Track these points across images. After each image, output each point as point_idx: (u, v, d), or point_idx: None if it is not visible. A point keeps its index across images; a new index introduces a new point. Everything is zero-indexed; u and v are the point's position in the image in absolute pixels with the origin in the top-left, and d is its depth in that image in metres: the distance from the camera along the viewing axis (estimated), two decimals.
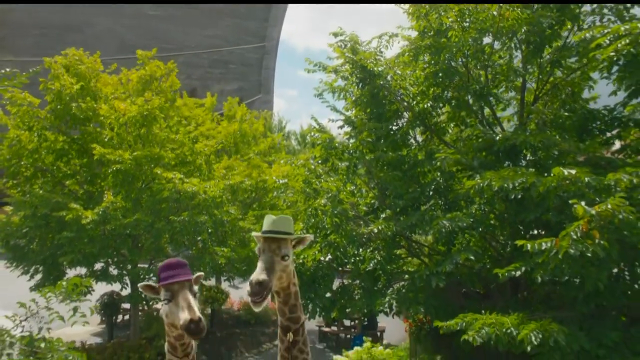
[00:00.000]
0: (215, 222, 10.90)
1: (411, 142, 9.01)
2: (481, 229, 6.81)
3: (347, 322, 15.24)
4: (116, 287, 12.63)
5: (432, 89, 7.85)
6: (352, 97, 8.53)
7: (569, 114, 7.34)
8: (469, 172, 7.12)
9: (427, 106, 7.94)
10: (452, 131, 8.98)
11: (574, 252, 4.54)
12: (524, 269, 5.35)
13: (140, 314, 13.92)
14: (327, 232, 7.75)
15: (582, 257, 4.64)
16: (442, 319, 6.25)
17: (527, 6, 7.26)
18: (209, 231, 10.88)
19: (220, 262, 11.66)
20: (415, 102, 8.12)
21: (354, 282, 8.57)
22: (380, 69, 7.92)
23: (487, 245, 8.34)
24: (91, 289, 5.02)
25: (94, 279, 10.34)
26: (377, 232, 7.33)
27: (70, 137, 11.83)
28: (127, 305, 15.60)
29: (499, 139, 6.58)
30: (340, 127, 9.15)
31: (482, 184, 5.81)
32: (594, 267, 4.84)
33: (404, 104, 8.40)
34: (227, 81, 43.98)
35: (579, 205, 4.63)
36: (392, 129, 8.48)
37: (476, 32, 7.18)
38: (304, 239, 3.18)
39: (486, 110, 8.58)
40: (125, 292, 12.59)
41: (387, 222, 7.49)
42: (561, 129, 7.41)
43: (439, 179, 7.74)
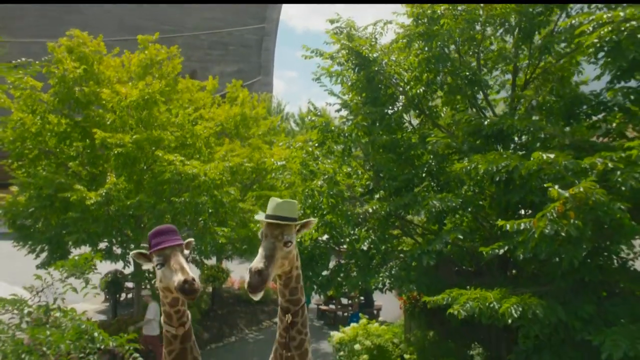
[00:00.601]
0: (215, 202, 11.23)
1: (406, 125, 9.27)
2: (470, 209, 7.12)
3: (344, 301, 15.69)
4: (119, 266, 13.02)
5: (426, 75, 8.10)
6: (348, 82, 8.77)
7: (557, 98, 7.58)
8: (460, 155, 7.40)
9: (420, 91, 8.19)
10: (444, 115, 9.24)
11: (548, 231, 4.86)
12: (506, 248, 5.68)
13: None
14: (324, 212, 8.06)
15: (557, 236, 4.96)
16: (433, 296, 6.53)
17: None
18: (210, 211, 11.20)
19: (220, 241, 12.01)
20: (409, 87, 8.37)
21: (350, 260, 8.90)
22: (375, 55, 8.17)
23: (479, 225, 8.66)
24: (95, 267, 5.26)
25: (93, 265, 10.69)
26: (371, 212, 7.65)
27: (73, 120, 12.04)
28: (130, 284, 16.02)
29: (487, 123, 6.85)
30: (337, 111, 9.43)
31: (469, 167, 6.10)
32: (570, 245, 5.16)
33: (398, 89, 8.66)
34: (227, 63, 43.89)
35: (553, 188, 4.94)
36: (387, 112, 8.74)
37: (465, 23, 7.41)
38: (308, 223, 3.14)
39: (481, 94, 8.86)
40: (128, 271, 12.96)
41: (381, 202, 7.81)
42: (549, 113, 7.67)
43: (432, 161, 8.02)
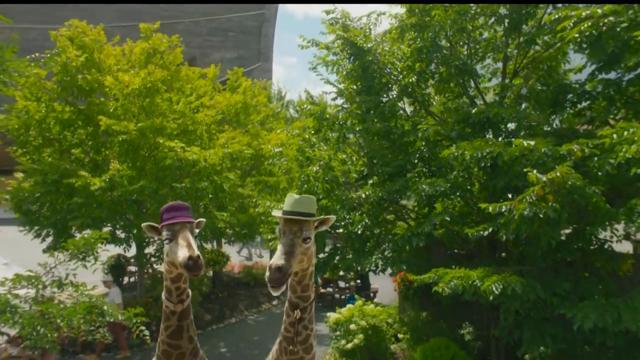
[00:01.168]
0: (215, 188, 11.56)
1: (400, 113, 9.56)
2: (458, 194, 7.46)
3: (342, 284, 16.10)
4: (121, 251, 13.41)
5: (418, 64, 8.38)
6: (344, 71, 9.05)
7: (543, 87, 7.87)
8: (449, 142, 7.71)
9: (412, 80, 8.48)
10: (436, 103, 9.54)
11: (527, 213, 5.20)
12: (491, 229, 6.02)
13: (145, 276, 14.69)
14: (319, 197, 8.39)
15: (536, 218, 5.30)
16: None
17: None
18: (210, 196, 11.53)
19: (220, 226, 12.36)
20: (402, 76, 8.66)
21: (346, 244, 9.25)
22: (369, 46, 8.44)
23: (470, 210, 8.99)
24: (104, 243, 5.60)
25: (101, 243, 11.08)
26: (365, 197, 7.98)
27: (76, 107, 12.33)
28: (132, 268, 16.44)
29: (474, 111, 7.16)
30: (333, 99, 9.73)
31: (457, 153, 6.42)
32: (548, 227, 5.49)
33: (392, 78, 8.94)
34: (227, 49, 43.84)
35: (532, 173, 5.27)
36: (381, 100, 9.02)
37: (456, 14, 7.67)
38: (327, 220, 3.09)
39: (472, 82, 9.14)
40: (130, 254, 13.35)
41: (374, 188, 8.14)
42: (536, 101, 7.96)
43: (423, 148, 8.33)
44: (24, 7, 33.04)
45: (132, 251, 13.16)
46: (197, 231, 3.31)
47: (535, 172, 5.24)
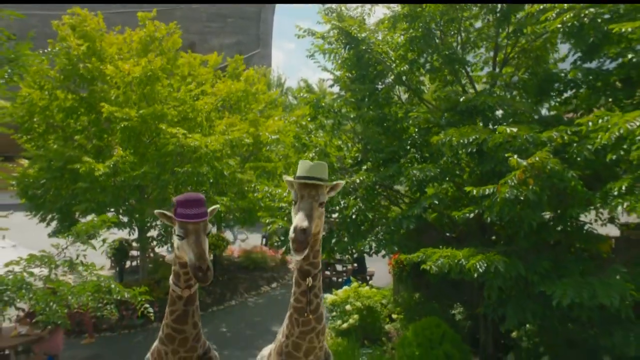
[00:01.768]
0: (216, 173, 11.90)
1: (395, 100, 9.85)
2: (448, 179, 7.78)
3: (339, 267, 16.49)
4: (124, 235, 13.79)
5: (410, 53, 8.66)
6: (339, 60, 9.32)
7: (530, 76, 8.16)
8: (439, 129, 8.01)
9: (405, 69, 8.76)
10: (428, 91, 9.83)
11: (509, 196, 5.53)
12: (476, 212, 6.35)
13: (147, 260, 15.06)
14: None
15: (517, 200, 5.64)
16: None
17: None
18: (210, 182, 11.87)
19: (220, 210, 12.70)
20: (395, 64, 8.94)
21: (341, 227, 9.58)
22: (363, 35, 8.71)
23: (461, 193, 9.31)
24: (111, 226, 5.91)
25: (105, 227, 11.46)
26: (359, 182, 8.30)
27: (78, 95, 12.62)
28: (134, 252, 16.83)
29: (462, 100, 7.46)
30: (330, 87, 10.01)
31: (445, 139, 6.74)
32: (529, 209, 5.83)
33: (386, 66, 9.22)
34: (226, 35, 43.94)
35: (512, 158, 5.59)
36: (376, 88, 9.31)
37: (445, 5, 7.95)
38: (337, 186, 3.14)
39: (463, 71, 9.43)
40: (133, 237, 13.73)
41: (368, 173, 8.46)
42: (523, 90, 8.25)
43: (415, 134, 8.64)
44: None
45: (135, 235, 13.54)
46: (209, 226, 3.22)
47: (516, 157, 5.56)
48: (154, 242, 13.92)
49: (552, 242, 7.29)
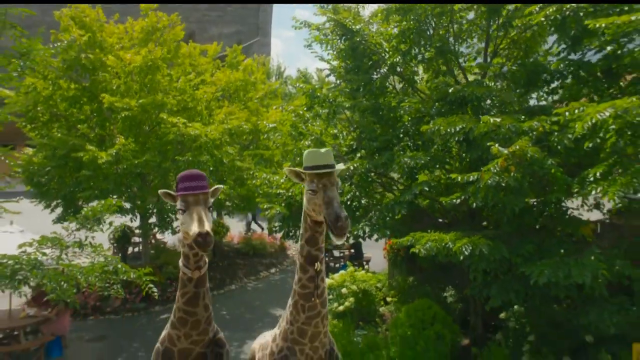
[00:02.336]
0: (215, 161, 12.23)
1: (389, 89, 10.13)
2: (438, 166, 8.10)
3: (336, 253, 16.85)
4: (126, 222, 14.15)
5: (402, 45, 8.94)
6: (335, 51, 9.60)
7: (518, 67, 8.44)
8: (430, 119, 8.32)
9: (398, 60, 9.04)
10: (420, 81, 10.12)
11: (491, 182, 5.86)
12: (463, 198, 6.68)
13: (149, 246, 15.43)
14: None
15: (500, 187, 5.97)
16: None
17: None
18: (210, 170, 12.20)
19: (220, 198, 13.05)
20: (388, 55, 9.22)
21: None
22: (358, 27, 8.99)
23: (452, 181, 9.63)
24: (118, 210, 6.21)
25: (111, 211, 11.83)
26: (353, 169, 8.61)
27: (81, 85, 12.92)
28: (137, 238, 17.20)
29: (451, 90, 7.75)
30: (327, 76, 10.31)
31: (433, 129, 7.06)
32: (512, 195, 6.16)
33: (381, 57, 9.50)
34: (225, 24, 44.00)
35: (494, 146, 5.92)
36: (371, 78, 9.59)
37: None
38: (344, 171, 3.46)
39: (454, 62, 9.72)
40: (135, 224, 14.09)
41: (362, 160, 8.78)
42: (512, 81, 8.54)
43: (408, 123, 8.94)
44: None
45: (138, 222, 13.90)
46: (211, 200, 3.30)
47: (497, 145, 5.89)
48: (156, 229, 14.28)
49: (538, 226, 7.64)
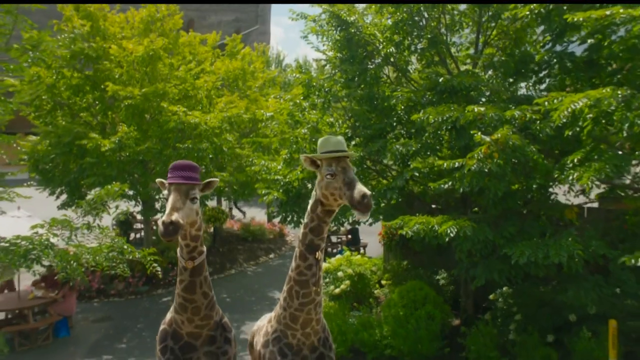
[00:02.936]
0: (215, 149, 12.55)
1: (383, 79, 10.43)
2: (429, 153, 8.43)
3: (334, 239, 17.25)
4: (131, 207, 14.50)
5: (395, 36, 9.24)
6: (330, 42, 9.89)
7: (507, 58, 8.75)
8: (421, 108, 8.64)
9: (392, 50, 9.34)
10: (413, 71, 10.43)
11: (475, 168, 6.21)
12: (450, 183, 7.03)
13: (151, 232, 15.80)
14: None
15: (483, 172, 6.32)
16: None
17: None
18: (210, 157, 12.53)
19: (220, 185, 13.39)
20: (382, 46, 9.52)
21: None
22: (352, 18, 9.29)
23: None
24: (125, 192, 6.58)
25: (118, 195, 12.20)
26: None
27: (83, 74, 13.19)
28: (138, 225, 17.59)
29: (441, 80, 8.07)
30: (323, 66, 10.61)
31: (423, 117, 7.39)
32: (495, 180, 6.51)
33: (375, 47, 9.80)
34: (224, 12, 44.03)
35: (477, 134, 6.26)
36: (366, 68, 9.89)
37: None
38: (352, 155, 3.35)
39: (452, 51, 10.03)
40: (137, 209, 14.47)
41: (356, 148, 9.12)
42: (501, 71, 8.83)
43: (401, 112, 9.26)
44: None
45: (139, 208, 14.28)
46: (196, 192, 3.28)
47: (480, 133, 6.23)
48: (157, 215, 14.64)
49: (525, 211, 8.01)
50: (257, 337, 4.07)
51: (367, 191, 2.94)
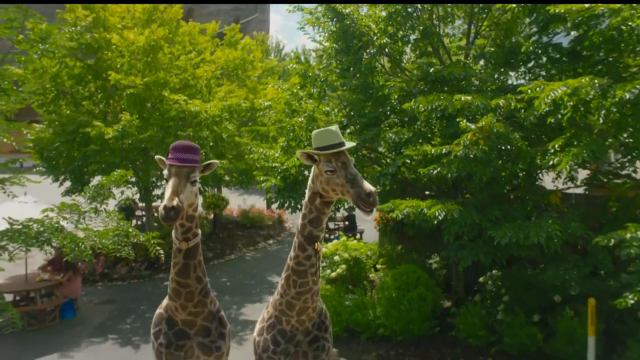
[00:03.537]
0: (215, 137, 12.88)
1: (378, 69, 10.72)
2: (421, 141, 8.75)
3: (331, 225, 17.61)
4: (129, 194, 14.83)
5: (389, 27, 9.52)
6: (326, 33, 10.18)
7: (497, 48, 9.04)
8: (413, 97, 8.95)
9: (385, 41, 9.63)
10: (406, 61, 10.73)
11: (461, 154, 6.55)
12: (439, 169, 7.36)
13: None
14: (304, 144, 9.72)
15: (469, 158, 6.65)
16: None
17: None
18: (210, 145, 12.86)
19: (219, 172, 13.74)
20: (376, 37, 9.81)
21: None
22: (348, 10, 9.57)
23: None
24: (129, 180, 6.88)
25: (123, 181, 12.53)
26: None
27: (86, 63, 13.48)
28: (139, 212, 17.94)
29: (432, 70, 8.38)
30: (319, 57, 10.89)
31: (414, 106, 7.71)
32: (481, 166, 6.85)
33: (370, 38, 10.08)
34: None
35: (463, 122, 6.59)
36: (361, 58, 10.18)
37: None
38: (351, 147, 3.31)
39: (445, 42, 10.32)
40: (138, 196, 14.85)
41: (351, 136, 9.44)
42: (490, 61, 9.13)
43: (394, 101, 9.57)
44: None
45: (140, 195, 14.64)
46: (195, 175, 3.26)
47: (465, 121, 6.56)
48: (159, 201, 14.98)
49: (512, 196, 8.36)
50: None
51: (372, 188, 2.93)
